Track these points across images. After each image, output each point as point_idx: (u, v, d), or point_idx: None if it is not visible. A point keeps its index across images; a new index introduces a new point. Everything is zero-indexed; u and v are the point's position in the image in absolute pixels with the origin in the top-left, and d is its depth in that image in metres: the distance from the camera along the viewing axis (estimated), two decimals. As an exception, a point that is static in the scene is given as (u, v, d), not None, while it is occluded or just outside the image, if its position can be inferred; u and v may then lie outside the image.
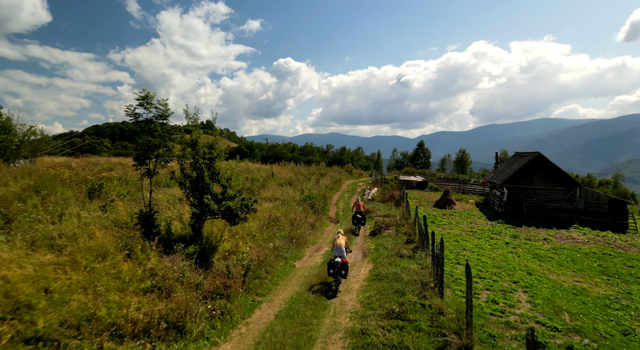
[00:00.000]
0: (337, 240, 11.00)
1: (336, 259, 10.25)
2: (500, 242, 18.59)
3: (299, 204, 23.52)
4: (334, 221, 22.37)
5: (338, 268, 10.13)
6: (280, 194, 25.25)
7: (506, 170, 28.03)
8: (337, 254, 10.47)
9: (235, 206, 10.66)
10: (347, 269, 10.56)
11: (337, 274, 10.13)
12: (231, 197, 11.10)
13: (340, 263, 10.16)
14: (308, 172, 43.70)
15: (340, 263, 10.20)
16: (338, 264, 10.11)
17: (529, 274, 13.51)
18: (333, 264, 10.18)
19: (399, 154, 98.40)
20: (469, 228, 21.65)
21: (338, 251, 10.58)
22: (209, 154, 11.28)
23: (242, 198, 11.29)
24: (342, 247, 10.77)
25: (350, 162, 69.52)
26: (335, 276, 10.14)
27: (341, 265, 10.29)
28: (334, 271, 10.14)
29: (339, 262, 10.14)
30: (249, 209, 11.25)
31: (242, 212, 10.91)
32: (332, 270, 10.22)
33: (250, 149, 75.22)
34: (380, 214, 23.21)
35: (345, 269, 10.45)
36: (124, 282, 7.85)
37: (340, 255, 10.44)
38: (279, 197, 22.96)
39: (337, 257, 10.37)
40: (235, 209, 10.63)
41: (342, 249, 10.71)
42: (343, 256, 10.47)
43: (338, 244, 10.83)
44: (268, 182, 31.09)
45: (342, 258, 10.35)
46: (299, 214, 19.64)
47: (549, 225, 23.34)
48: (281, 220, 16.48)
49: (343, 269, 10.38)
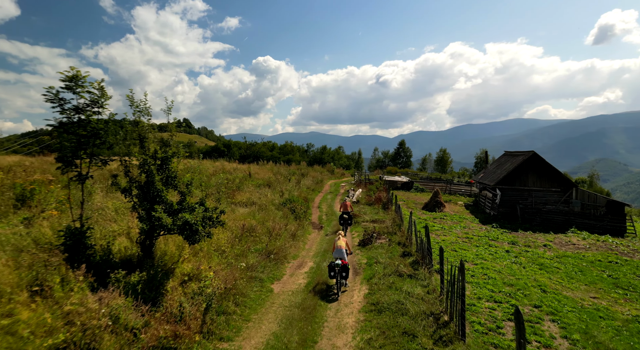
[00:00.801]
0: (338, 242, 10.82)
1: (337, 261, 10.15)
2: (500, 251, 16.92)
3: (279, 209, 21.19)
4: (317, 227, 20.18)
5: (339, 270, 10.05)
6: (258, 197, 22.84)
7: (498, 171, 26.62)
8: (338, 256, 10.36)
9: (195, 220, 8.29)
10: (347, 270, 10.55)
11: (338, 277, 10.04)
12: (191, 208, 8.71)
13: (340, 265, 10.09)
14: (288, 172, 41.32)
15: (341, 265, 10.13)
16: (339, 266, 10.04)
17: (544, 291, 11.79)
18: (334, 266, 10.13)
19: (380, 153, 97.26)
20: (464, 234, 19.95)
21: (338, 253, 10.45)
22: (162, 153, 8.84)
23: (204, 208, 8.92)
24: (342, 248, 10.58)
25: (331, 161, 67.55)
26: (336, 278, 10.07)
27: (342, 268, 10.22)
28: (335, 274, 10.09)
29: (339, 264, 10.06)
30: (214, 222, 8.90)
31: (204, 227, 8.55)
32: (332, 273, 10.21)
33: (228, 148, 72.06)
34: (367, 218, 21.17)
35: (346, 271, 10.45)
36: (20, 339, 5.38)
37: (341, 257, 10.33)
38: (255, 200, 20.55)
39: (337, 259, 10.26)
40: (195, 223, 8.25)
41: (343, 251, 10.53)
42: (344, 258, 10.36)
43: (338, 246, 10.66)
44: (245, 184, 28.59)
45: (342, 260, 10.25)
46: (278, 220, 17.33)
47: (546, 229, 21.97)
48: (257, 230, 14.13)
49: (344, 270, 10.35)
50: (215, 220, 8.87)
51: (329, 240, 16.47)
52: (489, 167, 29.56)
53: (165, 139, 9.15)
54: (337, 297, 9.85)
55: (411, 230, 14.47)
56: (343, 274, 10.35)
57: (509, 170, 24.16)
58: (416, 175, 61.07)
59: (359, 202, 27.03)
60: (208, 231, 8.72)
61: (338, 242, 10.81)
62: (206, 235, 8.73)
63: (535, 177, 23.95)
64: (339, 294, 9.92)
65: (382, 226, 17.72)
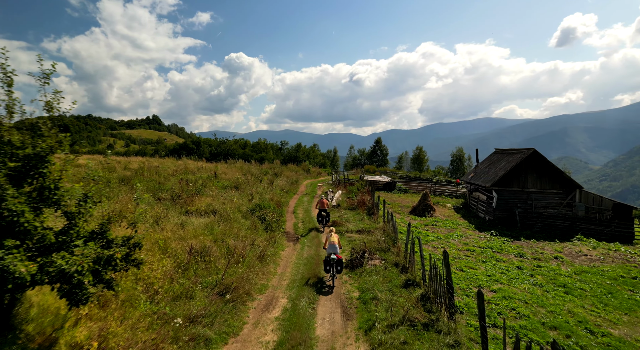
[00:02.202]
0: (331, 238, 11.22)
1: (331, 256, 10.67)
2: (511, 267, 14.19)
3: (246, 217, 17.62)
4: (292, 239, 16.79)
5: (334, 264, 10.63)
6: (222, 202, 19.15)
7: (491, 170, 24.16)
8: (332, 251, 10.82)
9: (80, 266, 4.72)
10: (342, 264, 10.96)
11: (333, 270, 10.62)
12: (73, 244, 5.11)
13: (335, 260, 10.65)
14: (260, 172, 37.56)
15: (336, 260, 10.67)
16: (334, 261, 10.62)
17: (591, 333, 9.01)
18: (329, 260, 10.65)
19: (355, 151, 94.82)
20: (463, 245, 17.16)
21: (332, 248, 10.88)
22: (29, 147, 5.20)
23: (105, 242, 5.35)
24: (335, 244, 11.02)
25: (306, 159, 64.17)
26: (331, 272, 10.66)
27: (336, 262, 10.72)
28: (331, 267, 10.64)
29: (334, 258, 10.63)
30: (120, 266, 5.34)
31: (99, 276, 4.99)
32: (328, 267, 10.75)
33: (198, 145, 67.35)
34: (352, 228, 17.96)
35: (340, 265, 10.86)
36: None
37: (334, 252, 10.81)
38: (218, 208, 16.85)
39: (331, 254, 10.74)
40: (81, 272, 4.69)
41: (336, 246, 10.97)
42: (337, 253, 10.86)
43: (332, 242, 11.07)
44: (208, 186, 24.75)
45: (336, 255, 10.75)
46: (244, 234, 13.80)
47: (549, 235, 19.60)
48: (212, 252, 10.54)
49: (338, 264, 10.81)
50: (121, 263, 5.30)
51: (307, 260, 13.10)
52: (479, 166, 27.16)
53: (35, 124, 5.45)
54: (332, 290, 10.34)
55: (412, 249, 11.35)
56: (337, 268, 10.77)
57: (506, 170, 21.67)
58: (395, 174, 58.78)
59: (340, 206, 23.82)
60: (108, 280, 5.17)
61: (331, 238, 11.19)
62: (106, 286, 5.18)
63: (535, 178, 21.60)
64: (333, 286, 10.54)
65: (372, 239, 14.56)
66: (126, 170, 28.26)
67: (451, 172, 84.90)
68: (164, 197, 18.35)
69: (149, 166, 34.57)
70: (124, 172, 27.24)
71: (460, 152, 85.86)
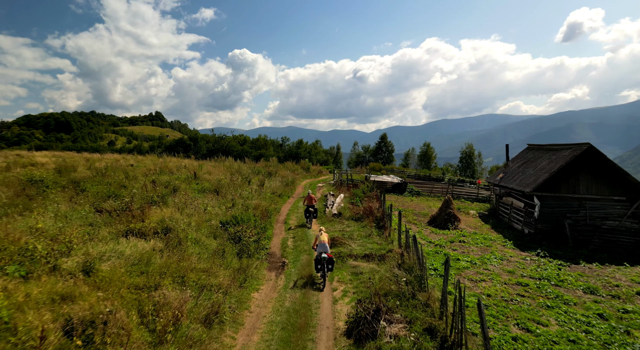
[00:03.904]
0: (321, 237, 11.20)
1: (322, 254, 10.61)
2: (591, 316, 9.67)
3: (216, 235, 13.20)
4: (277, 265, 12.37)
5: (325, 263, 10.54)
6: (188, 214, 14.78)
7: (528, 171, 19.53)
8: (322, 250, 10.74)
9: None
10: (333, 263, 10.96)
11: (324, 269, 10.55)
12: None
13: (326, 258, 10.61)
14: (252, 171, 33.07)
15: (327, 258, 10.62)
16: (325, 259, 10.55)
17: None
18: (320, 259, 10.59)
19: (359, 147, 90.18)
20: (508, 273, 12.64)
21: (323, 247, 10.82)
22: None
23: None
24: (325, 243, 10.97)
25: (308, 156, 59.72)
26: (322, 271, 10.55)
27: (327, 261, 10.67)
28: (322, 266, 10.55)
29: (325, 257, 10.58)
30: None
31: None
32: (319, 266, 10.66)
33: (195, 141, 63.69)
34: (357, 250, 13.43)
35: (331, 264, 10.87)
36: None
37: (325, 251, 10.75)
38: (175, 223, 12.36)
39: (322, 253, 10.67)
40: None
41: (326, 245, 10.91)
42: (328, 252, 10.81)
43: (322, 241, 11.03)
44: (182, 189, 20.38)
45: (327, 254, 10.70)
46: (201, 269, 9.36)
47: (613, 256, 15.05)
48: (117, 322, 6.08)
49: (329, 263, 10.79)
50: None
51: (291, 313, 8.61)
52: (510, 165, 22.52)
53: None
54: (323, 287, 10.32)
55: (460, 305, 6.83)
56: (329, 267, 10.78)
57: (552, 171, 17.04)
58: (403, 172, 54.20)
59: (341, 215, 19.32)
60: None
61: (321, 237, 11.16)
62: None
63: (589, 181, 16.95)
64: (324, 285, 10.39)
65: (386, 275, 10.05)
66: (91, 169, 23.82)
67: (460, 169, 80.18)
68: (109, 207, 13.89)
69: (124, 164, 30.22)
70: (86, 172, 22.80)
71: (470, 149, 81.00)
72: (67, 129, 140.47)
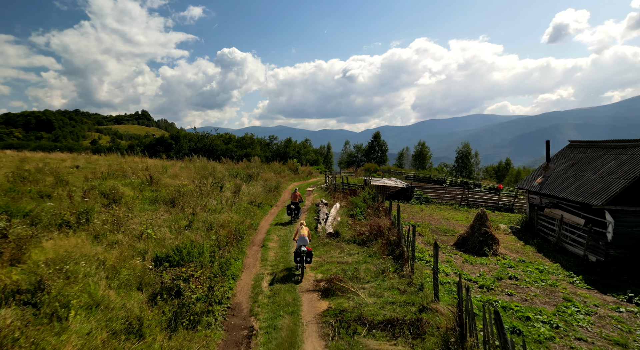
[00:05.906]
0: (301, 231, 11.13)
1: (302, 247, 10.61)
2: None
3: (140, 285, 8.09)
4: (239, 337, 7.34)
5: (304, 256, 10.61)
6: (110, 241, 9.67)
7: (585, 175, 14.82)
8: (302, 243, 10.75)
9: None
10: (311, 255, 10.96)
11: (303, 261, 10.61)
12: None
13: (306, 251, 10.67)
14: (229, 173, 27.72)
15: (306, 252, 10.69)
16: (304, 252, 10.61)
17: None
18: (299, 252, 10.58)
19: (351, 147, 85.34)
20: (617, 348, 7.79)
21: (302, 241, 10.80)
22: None
23: None
24: (305, 236, 10.94)
25: (297, 156, 54.58)
26: (301, 263, 10.62)
27: (307, 253, 10.75)
28: (301, 259, 10.59)
29: (305, 250, 10.61)
30: None
31: None
32: (298, 258, 10.67)
33: (176, 140, 58.14)
34: (369, 307, 8.35)
35: (310, 256, 10.90)
36: None
37: (305, 244, 10.76)
38: (71, 267, 7.16)
39: (301, 246, 10.68)
40: None
41: (306, 239, 10.92)
42: (307, 245, 10.84)
43: (302, 234, 10.96)
44: (123, 201, 15.16)
45: (306, 247, 10.76)
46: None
47: None
48: None
49: (308, 256, 10.84)
50: None
51: None
52: (551, 167, 17.81)
53: None
54: (301, 279, 10.47)
55: None
56: (307, 260, 10.83)
57: (632, 177, 12.38)
58: (400, 173, 49.53)
59: (339, 236, 14.27)
60: None
61: (301, 231, 11.11)
62: None
63: (682, 190, 12.35)
64: (302, 276, 10.58)
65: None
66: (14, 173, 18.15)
67: (456, 169, 76.23)
68: None
69: (68, 165, 24.64)
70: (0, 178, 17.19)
71: (466, 148, 77.09)
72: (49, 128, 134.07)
